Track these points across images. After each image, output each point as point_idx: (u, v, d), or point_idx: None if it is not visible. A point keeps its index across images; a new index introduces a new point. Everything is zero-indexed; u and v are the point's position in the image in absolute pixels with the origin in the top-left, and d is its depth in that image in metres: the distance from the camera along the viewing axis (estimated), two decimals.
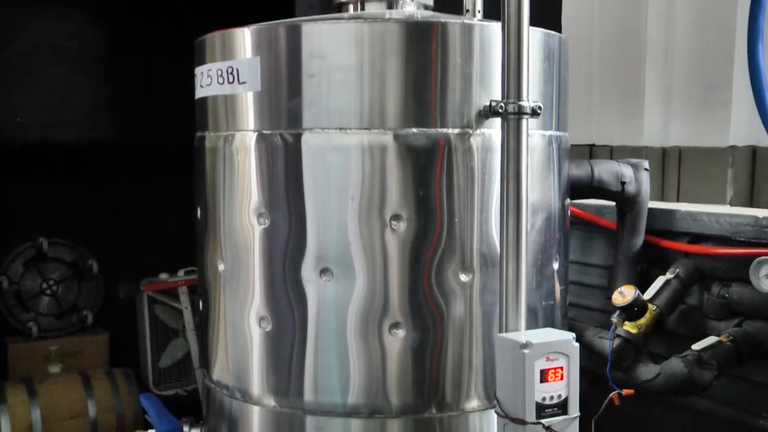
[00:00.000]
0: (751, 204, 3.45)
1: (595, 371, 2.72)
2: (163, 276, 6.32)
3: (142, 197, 6.72)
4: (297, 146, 2.18)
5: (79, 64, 6.55)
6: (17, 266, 6.16)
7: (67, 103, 6.49)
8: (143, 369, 6.48)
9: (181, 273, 6.32)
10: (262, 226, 2.24)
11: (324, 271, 2.16)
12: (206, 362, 2.56)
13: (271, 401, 2.30)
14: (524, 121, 2.09)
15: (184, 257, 5.44)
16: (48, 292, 6.29)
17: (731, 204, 3.41)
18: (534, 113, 2.10)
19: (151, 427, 2.68)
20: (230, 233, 2.34)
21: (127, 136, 6.66)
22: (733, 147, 3.44)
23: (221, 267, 2.38)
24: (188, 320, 6.28)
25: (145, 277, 6.30)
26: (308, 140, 2.17)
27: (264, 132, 2.24)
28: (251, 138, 2.26)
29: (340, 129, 2.15)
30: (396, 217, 2.13)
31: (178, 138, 3.95)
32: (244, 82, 2.26)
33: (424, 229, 2.15)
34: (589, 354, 2.79)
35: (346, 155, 2.15)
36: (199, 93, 2.47)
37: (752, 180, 3.44)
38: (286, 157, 2.20)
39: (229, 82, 2.30)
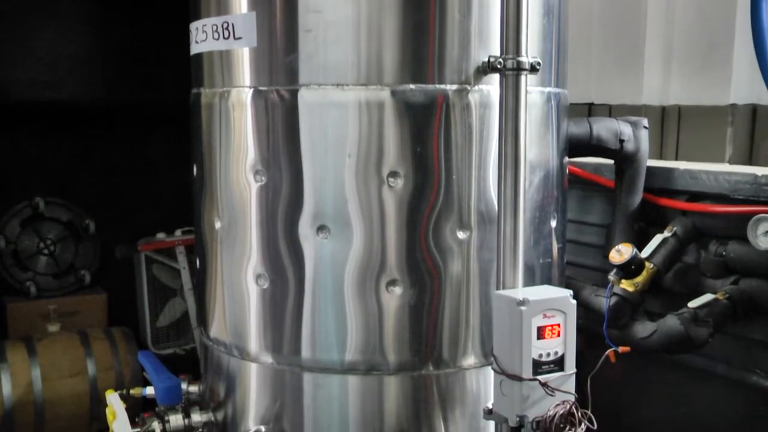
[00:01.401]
0: (750, 163, 3.44)
1: (591, 330, 2.73)
2: (161, 235, 6.32)
3: (139, 156, 6.68)
4: (294, 103, 2.16)
5: (73, 21, 6.47)
6: (14, 226, 6.15)
7: (60, 61, 6.41)
8: (141, 328, 6.51)
9: (178, 232, 6.31)
10: (259, 184, 2.23)
11: (321, 229, 2.16)
12: (203, 320, 2.57)
13: (268, 358, 2.31)
14: (523, 78, 2.06)
15: (181, 217, 5.42)
16: (45, 251, 6.29)
17: (730, 163, 3.40)
18: (533, 69, 2.07)
19: (150, 385, 2.69)
20: (227, 190, 2.33)
21: (122, 95, 6.59)
22: (733, 105, 3.42)
23: (218, 225, 2.37)
24: (186, 280, 6.29)
25: (142, 237, 6.30)
26: (305, 96, 2.15)
27: (260, 88, 2.21)
28: (247, 94, 2.24)
29: (337, 85, 2.12)
30: (393, 174, 2.12)
31: (174, 96, 3.91)
32: (239, 38, 2.23)
33: (421, 186, 2.14)
34: (585, 312, 2.80)
35: (343, 112, 2.13)
36: (194, 49, 2.45)
37: (752, 138, 3.43)
38: (282, 114, 2.18)
39: (224, 37, 2.27)
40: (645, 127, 2.82)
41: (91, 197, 6.51)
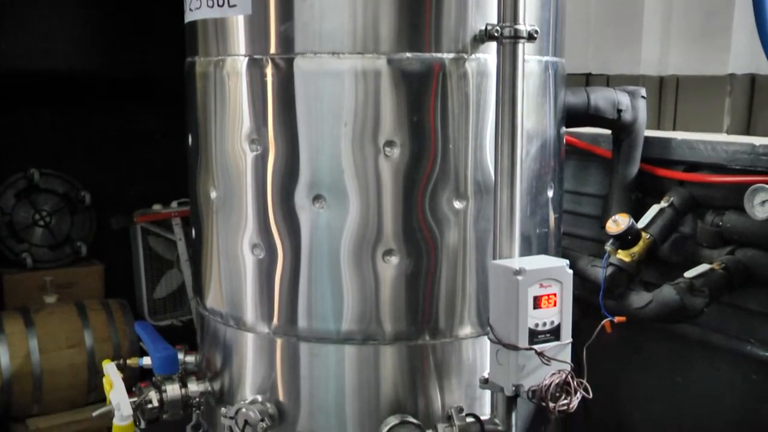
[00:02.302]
0: (748, 133, 3.43)
1: (587, 300, 2.73)
2: (156, 207, 6.31)
3: (134, 127, 6.64)
4: (289, 71, 2.14)
5: None
6: (9, 197, 6.13)
7: (54, 31, 6.35)
8: (138, 300, 6.52)
9: (174, 204, 6.30)
10: (255, 153, 2.22)
11: (317, 198, 2.15)
12: (199, 290, 2.57)
13: (264, 328, 2.31)
14: (520, 46, 2.05)
15: (177, 188, 5.41)
16: (41, 223, 6.27)
17: (728, 133, 3.39)
18: (530, 37, 2.06)
19: (147, 355, 2.69)
20: (222, 160, 2.32)
21: (118, 65, 6.54)
22: (731, 75, 3.40)
23: (213, 194, 2.36)
24: (182, 251, 6.29)
25: (138, 209, 6.28)
26: (300, 65, 2.13)
27: (255, 57, 2.19)
28: (242, 63, 2.22)
29: (333, 53, 2.10)
30: (390, 143, 2.11)
31: (169, 66, 3.88)
32: (234, 5, 2.21)
33: (417, 155, 2.13)
34: (581, 282, 2.80)
35: (339, 80, 2.11)
36: (189, 17, 2.42)
37: (750, 109, 3.41)
38: (278, 83, 2.17)
39: (218, 5, 2.24)
40: (643, 96, 2.80)
41: (86, 169, 6.49)
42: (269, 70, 2.17)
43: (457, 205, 2.18)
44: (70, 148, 6.48)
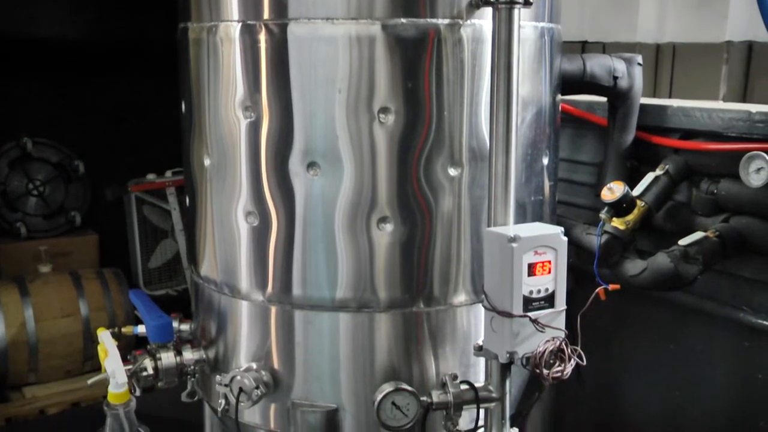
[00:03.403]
0: (744, 101, 3.42)
1: (581, 268, 2.74)
2: (151, 176, 6.30)
3: (127, 96, 6.60)
4: (283, 37, 2.11)
5: None
6: (2, 166, 6.11)
7: None
8: (133, 270, 6.53)
9: (168, 173, 6.29)
10: (248, 120, 2.20)
11: (311, 165, 2.14)
12: (194, 258, 2.56)
13: (259, 296, 2.31)
14: (516, 11, 2.02)
15: (171, 157, 5.38)
16: (35, 192, 6.26)
17: (724, 101, 3.38)
18: (526, 3, 2.03)
19: (141, 323, 2.69)
20: (216, 127, 2.30)
21: (109, 33, 6.49)
22: (728, 42, 3.38)
23: (207, 162, 2.35)
24: (176, 221, 6.29)
25: (132, 178, 6.27)
26: (294, 31, 2.10)
27: (248, 22, 2.16)
28: (235, 29, 2.19)
29: (327, 19, 2.08)
30: (384, 110, 2.09)
31: (162, 33, 3.84)
32: None
33: (412, 122, 2.11)
34: (576, 251, 2.80)
35: (333, 46, 2.08)
36: None
37: (746, 76, 3.40)
38: (271, 49, 2.14)
39: None
40: (639, 63, 2.78)
41: (80, 138, 6.46)
42: (262, 36, 2.14)
43: (452, 172, 2.17)
44: (64, 117, 6.44)
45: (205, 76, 2.31)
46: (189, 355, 2.53)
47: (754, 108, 2.54)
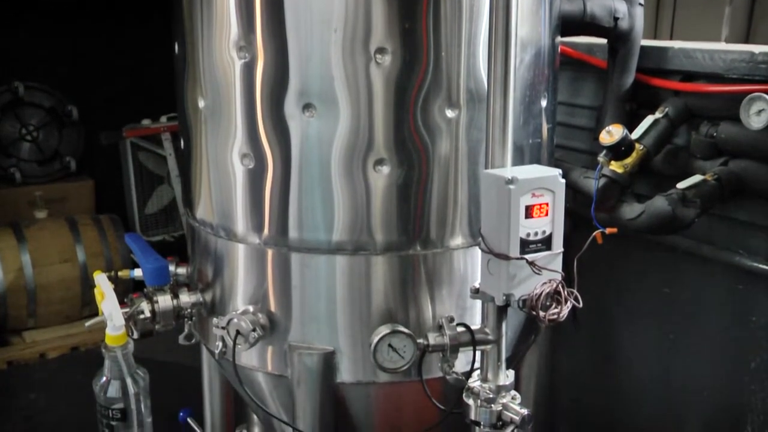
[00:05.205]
0: (747, 43, 3.37)
1: (579, 213, 2.73)
2: (146, 122, 6.25)
3: (120, 41, 6.51)
4: None
5: None
6: None
7: None
8: (130, 216, 6.53)
9: (163, 119, 6.24)
10: (243, 61, 2.16)
11: (307, 107, 2.11)
12: (189, 201, 2.55)
13: (255, 239, 2.30)
14: None
15: (166, 103, 5.34)
16: (28, 137, 6.21)
17: (726, 42, 3.33)
18: None
19: (138, 267, 2.69)
20: (210, 68, 2.26)
21: None
22: None
23: (201, 104, 2.32)
24: (172, 166, 6.26)
25: (126, 124, 6.22)
26: None
27: None
28: None
29: None
30: (381, 50, 2.06)
31: None
32: None
33: (409, 63, 2.08)
34: (573, 195, 2.79)
35: None
36: None
37: (750, 18, 3.34)
38: None
39: None
40: (640, 4, 2.73)
41: (73, 83, 6.39)
42: None
43: (449, 114, 2.14)
44: (56, 62, 6.36)
45: (198, 16, 2.26)
46: (186, 298, 2.54)
47: (757, 49, 2.49)
